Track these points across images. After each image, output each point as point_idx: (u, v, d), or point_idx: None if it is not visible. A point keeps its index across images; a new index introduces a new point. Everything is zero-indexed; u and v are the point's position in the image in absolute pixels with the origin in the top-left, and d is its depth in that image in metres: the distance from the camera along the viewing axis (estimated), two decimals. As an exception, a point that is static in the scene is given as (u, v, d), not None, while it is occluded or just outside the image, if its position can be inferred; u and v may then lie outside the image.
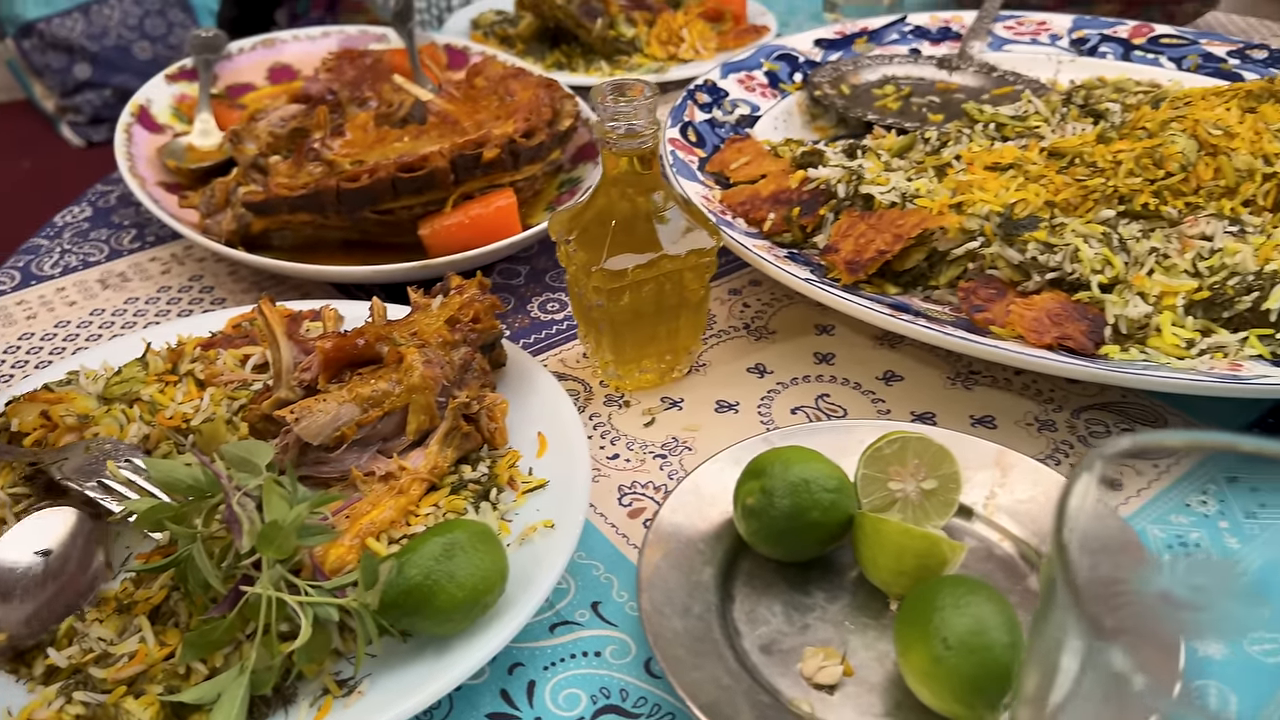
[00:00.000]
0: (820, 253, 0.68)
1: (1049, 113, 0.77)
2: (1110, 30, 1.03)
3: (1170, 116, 0.69)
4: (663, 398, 0.65)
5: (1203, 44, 0.99)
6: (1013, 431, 0.61)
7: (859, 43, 1.03)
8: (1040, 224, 0.63)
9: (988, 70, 0.97)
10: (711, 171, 0.79)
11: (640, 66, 1.07)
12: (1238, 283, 0.59)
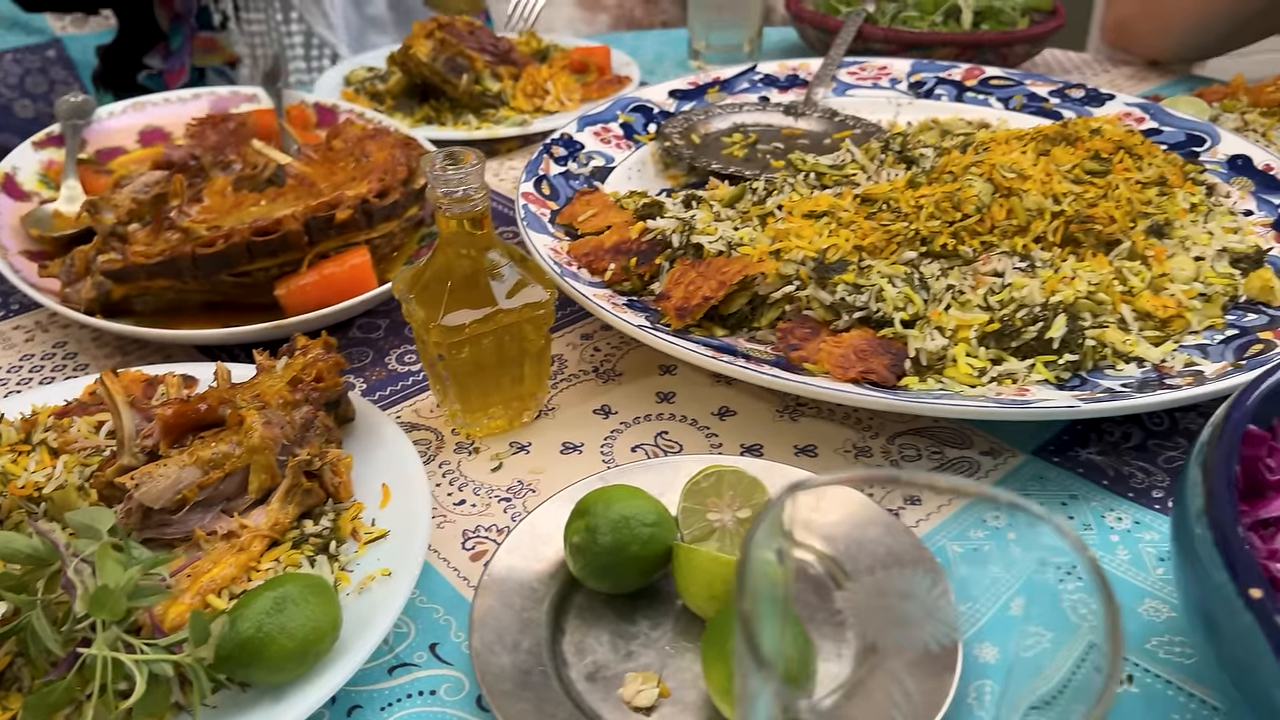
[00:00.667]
0: (655, 299, 0.72)
1: (868, 160, 0.83)
2: (945, 74, 1.10)
3: (971, 161, 0.75)
4: (511, 442, 0.69)
5: (1027, 84, 1.07)
6: (832, 459, 0.66)
7: (712, 92, 1.09)
8: (849, 267, 0.68)
9: (830, 115, 1.04)
10: (562, 224, 0.83)
11: (506, 119, 1.12)
12: (1025, 314, 0.65)
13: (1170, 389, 0.61)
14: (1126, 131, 0.82)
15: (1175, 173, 0.80)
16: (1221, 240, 0.76)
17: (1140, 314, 0.68)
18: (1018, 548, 0.43)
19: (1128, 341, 0.66)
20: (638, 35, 1.50)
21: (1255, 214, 0.83)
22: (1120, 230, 0.72)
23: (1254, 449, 0.51)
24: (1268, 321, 0.70)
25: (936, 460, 0.66)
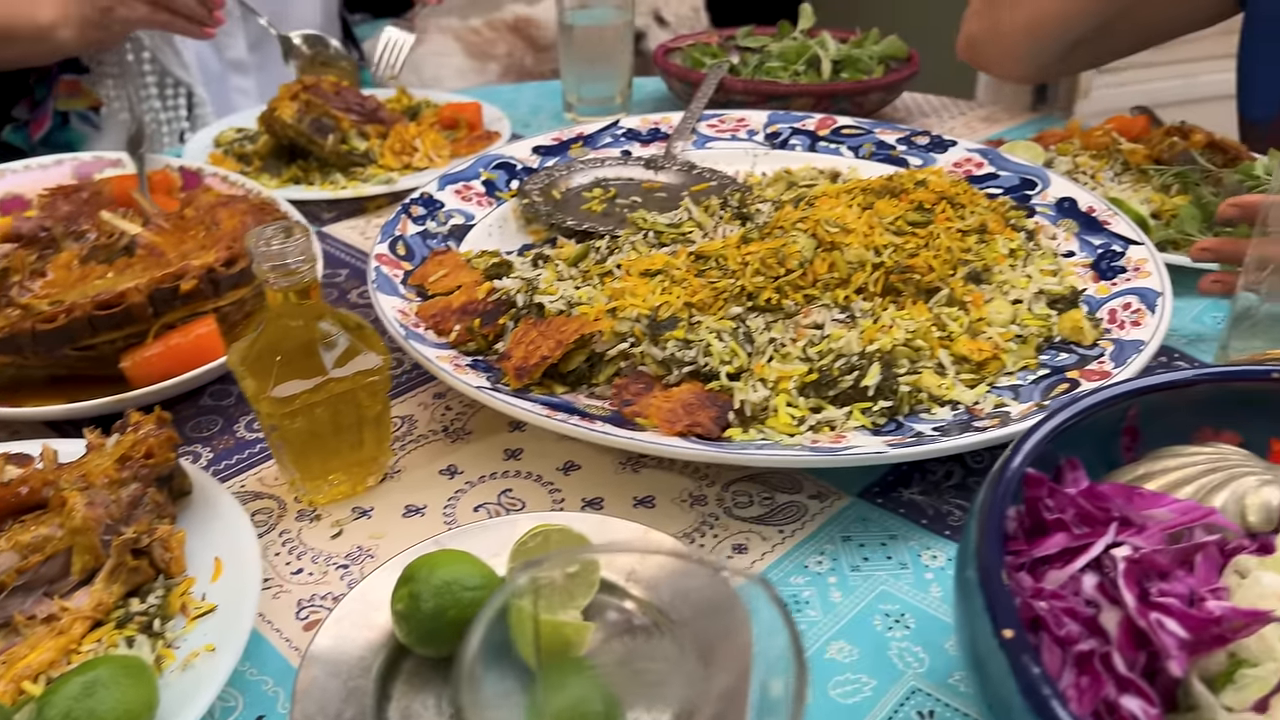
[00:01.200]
0: (498, 359, 0.74)
1: (706, 217, 0.86)
2: (799, 124, 1.15)
3: (798, 217, 0.79)
4: (354, 508, 0.70)
5: (876, 133, 1.12)
6: (668, 509, 0.68)
7: (575, 147, 1.12)
8: (680, 323, 0.71)
9: (689, 168, 1.07)
10: (414, 284, 0.84)
11: (374, 177, 1.13)
12: (843, 364, 0.68)
13: (977, 431, 0.65)
14: (952, 182, 0.87)
15: (996, 220, 0.84)
16: (1039, 283, 0.80)
17: (957, 358, 0.72)
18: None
19: (943, 385, 0.70)
20: (516, 88, 1.53)
21: (1077, 254, 0.88)
22: (939, 278, 0.76)
23: (1035, 490, 0.54)
24: (1077, 360, 0.74)
25: (767, 505, 0.68)
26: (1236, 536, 0.52)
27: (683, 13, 2.04)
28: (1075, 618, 0.48)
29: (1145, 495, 0.55)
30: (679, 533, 0.66)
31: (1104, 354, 0.73)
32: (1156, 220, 0.95)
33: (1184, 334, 0.87)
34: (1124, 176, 1.02)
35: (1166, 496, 0.54)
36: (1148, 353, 0.71)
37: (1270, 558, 0.50)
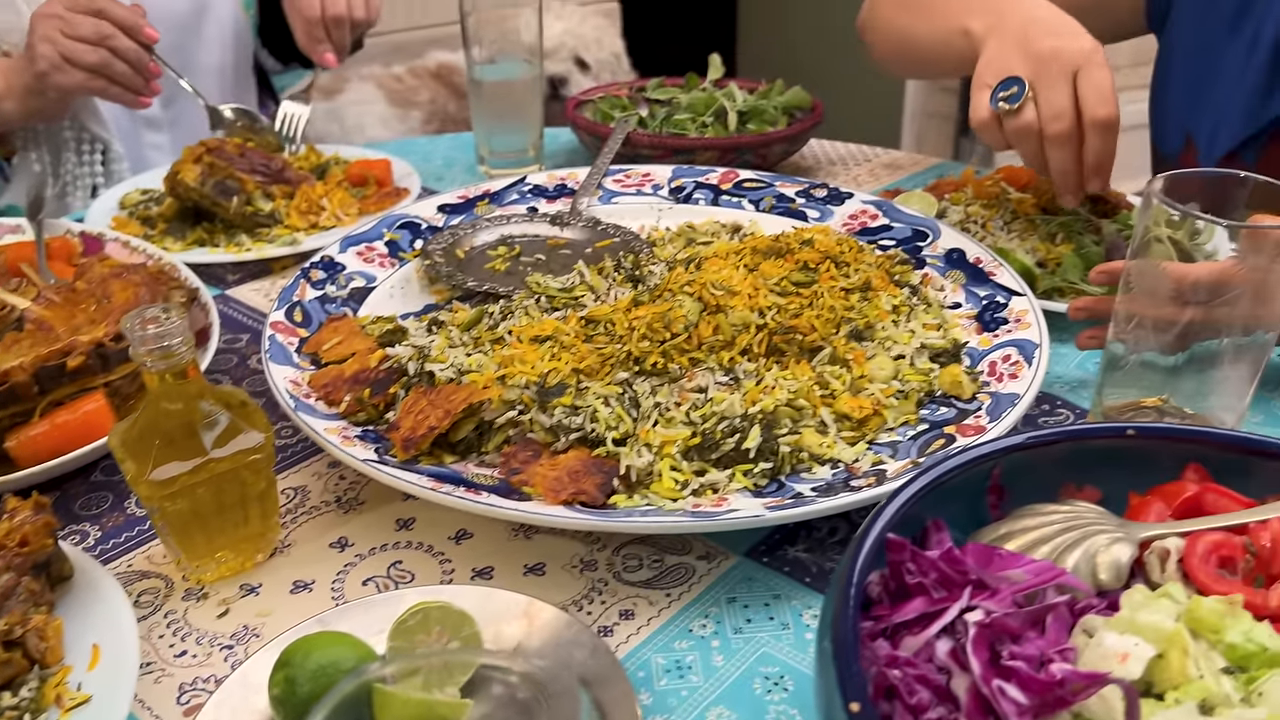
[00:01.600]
0: (387, 429, 0.74)
1: (599, 280, 0.87)
2: (703, 178, 1.17)
3: (687, 279, 0.80)
4: (242, 584, 0.69)
5: (777, 186, 1.14)
6: (559, 576, 0.69)
7: (481, 205, 1.13)
8: (568, 389, 0.72)
9: (593, 224, 1.08)
10: (309, 352, 0.85)
11: (279, 238, 1.13)
12: (725, 427, 0.70)
13: (852, 491, 0.66)
14: (838, 240, 0.89)
15: (880, 277, 0.87)
16: (921, 337, 0.83)
17: (839, 415, 0.74)
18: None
19: (824, 444, 0.71)
20: (432, 140, 1.54)
21: (963, 306, 0.91)
22: (822, 337, 0.78)
23: (897, 554, 0.56)
24: (956, 414, 0.76)
25: (656, 568, 0.69)
26: (1086, 596, 0.54)
27: (603, 58, 2.07)
28: (927, 685, 0.49)
29: (1003, 556, 0.57)
30: (567, 600, 0.67)
31: (981, 408, 0.76)
32: (1042, 268, 0.99)
33: (1068, 380, 0.90)
34: (1013, 225, 1.05)
35: (1023, 557, 0.56)
36: (1021, 407, 0.74)
37: (1115, 617, 0.52)
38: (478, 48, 1.30)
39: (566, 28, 2.02)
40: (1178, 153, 1.16)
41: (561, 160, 1.43)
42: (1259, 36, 1.10)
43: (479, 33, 1.29)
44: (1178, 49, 1.18)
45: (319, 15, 1.33)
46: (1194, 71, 1.16)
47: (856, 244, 0.91)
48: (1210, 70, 1.14)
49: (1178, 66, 1.18)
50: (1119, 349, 0.77)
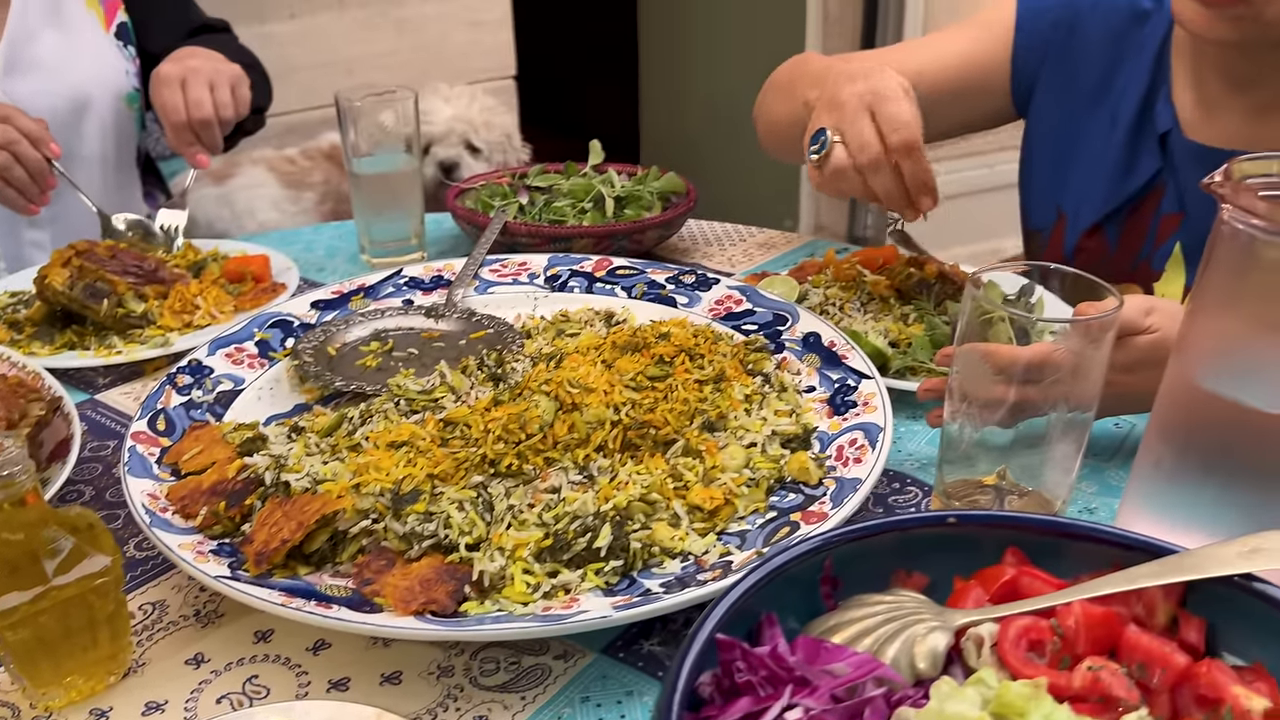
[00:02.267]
0: (242, 542, 0.75)
1: (461, 380, 0.89)
2: (578, 265, 1.20)
3: (545, 378, 0.82)
4: (92, 709, 0.69)
5: (648, 273, 1.18)
6: (415, 684, 0.70)
7: (356, 299, 1.14)
8: (422, 496, 0.73)
9: (469, 315, 1.10)
10: (170, 463, 0.84)
11: (152, 339, 1.12)
12: (578, 526, 0.72)
13: (698, 585, 0.68)
14: (694, 332, 0.93)
15: (734, 366, 0.90)
16: (773, 424, 0.86)
17: (691, 507, 0.76)
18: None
19: (676, 537, 0.74)
20: (316, 229, 1.55)
21: (817, 389, 0.95)
22: (675, 430, 0.81)
23: (727, 653, 0.58)
24: (802, 501, 0.79)
25: (513, 670, 0.70)
26: (903, 688, 0.57)
27: (494, 139, 2.10)
28: (748, 784, 0.51)
29: (829, 649, 0.59)
30: (421, 709, 0.68)
31: (826, 494, 0.79)
32: (895, 348, 1.03)
33: (919, 458, 0.94)
34: (869, 306, 1.10)
35: (847, 650, 0.59)
36: (862, 493, 0.77)
37: (924, 709, 0.54)
38: (354, 141, 1.32)
39: (455, 112, 2.05)
40: (1049, 226, 1.23)
41: (446, 247, 1.45)
42: (1117, 115, 1.17)
43: (355, 126, 1.31)
44: (1042, 128, 1.25)
45: (185, 120, 1.34)
46: (1058, 149, 1.24)
47: (713, 334, 0.95)
48: (1073, 147, 1.21)
49: (1043, 145, 1.26)
50: (954, 428, 0.82)
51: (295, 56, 2.38)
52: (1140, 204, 1.16)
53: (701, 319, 1.08)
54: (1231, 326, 0.70)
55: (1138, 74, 1.15)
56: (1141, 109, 1.15)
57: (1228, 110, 1.10)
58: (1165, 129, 1.13)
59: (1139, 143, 1.15)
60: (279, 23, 2.35)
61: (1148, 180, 1.15)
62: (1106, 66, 1.17)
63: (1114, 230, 1.19)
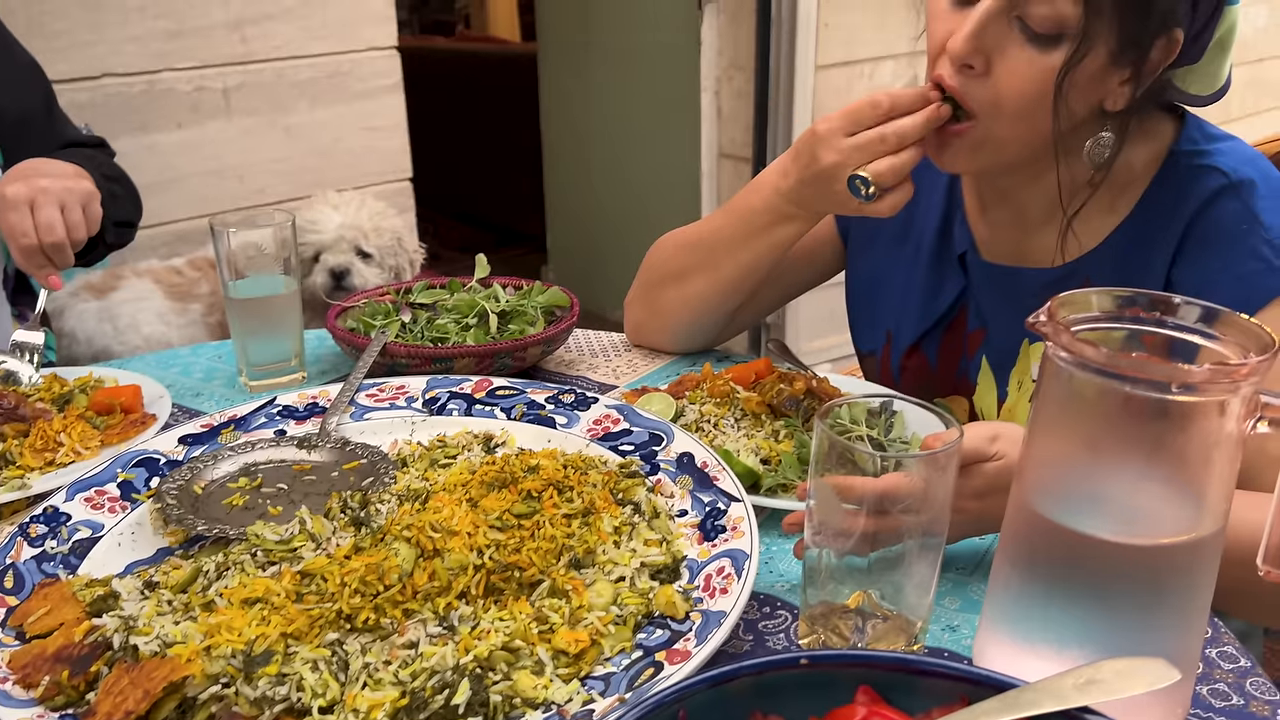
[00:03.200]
0: (85, 714, 0.71)
1: (322, 526, 0.87)
2: (457, 387, 1.20)
3: (407, 522, 0.82)
4: None
5: (528, 393, 1.18)
6: None
7: (226, 432, 1.12)
8: (274, 657, 0.71)
9: (342, 445, 1.09)
10: (14, 625, 0.81)
11: (10, 480, 1.08)
12: (436, 682, 0.71)
13: (558, 738, 0.68)
14: (564, 462, 0.93)
15: (604, 497, 0.91)
16: (643, 555, 0.86)
17: (557, 651, 0.76)
18: None
19: (539, 685, 0.73)
20: (194, 349, 1.52)
21: (689, 513, 0.96)
22: (541, 570, 0.81)
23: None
24: (668, 638, 0.79)
25: (372, 837, 0.68)
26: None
27: (384, 243, 2.11)
28: None
29: (683, 804, 0.59)
30: None
31: (692, 629, 0.79)
32: (767, 465, 1.05)
33: (790, 579, 0.95)
34: (742, 423, 1.12)
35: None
36: (725, 629, 0.78)
37: None
38: (229, 265, 1.31)
39: (344, 219, 2.05)
40: (879, 348, 1.29)
41: (328, 366, 1.44)
42: (921, 241, 1.25)
43: (230, 250, 1.30)
44: (860, 260, 1.34)
45: (36, 244, 1.32)
46: (876, 277, 1.32)
47: (584, 463, 0.95)
48: (888, 274, 1.29)
49: (863, 274, 1.34)
50: (815, 555, 0.83)
51: (183, 165, 2.37)
52: (951, 322, 1.24)
53: (579, 440, 1.09)
54: (1062, 456, 0.74)
55: (935, 202, 1.25)
56: (941, 234, 1.24)
57: (1009, 228, 1.19)
58: (962, 250, 1.22)
59: (942, 266, 1.24)
60: (165, 133, 2.34)
61: (954, 300, 1.23)
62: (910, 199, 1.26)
63: (932, 349, 1.26)
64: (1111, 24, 0.94)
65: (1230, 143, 1.06)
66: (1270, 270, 0.99)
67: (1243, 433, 0.70)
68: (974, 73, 0.99)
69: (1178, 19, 0.96)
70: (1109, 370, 0.68)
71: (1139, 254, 1.06)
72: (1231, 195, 1.02)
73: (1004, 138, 1.03)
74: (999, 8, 0.96)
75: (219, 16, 2.36)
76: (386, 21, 2.58)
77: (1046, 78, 0.97)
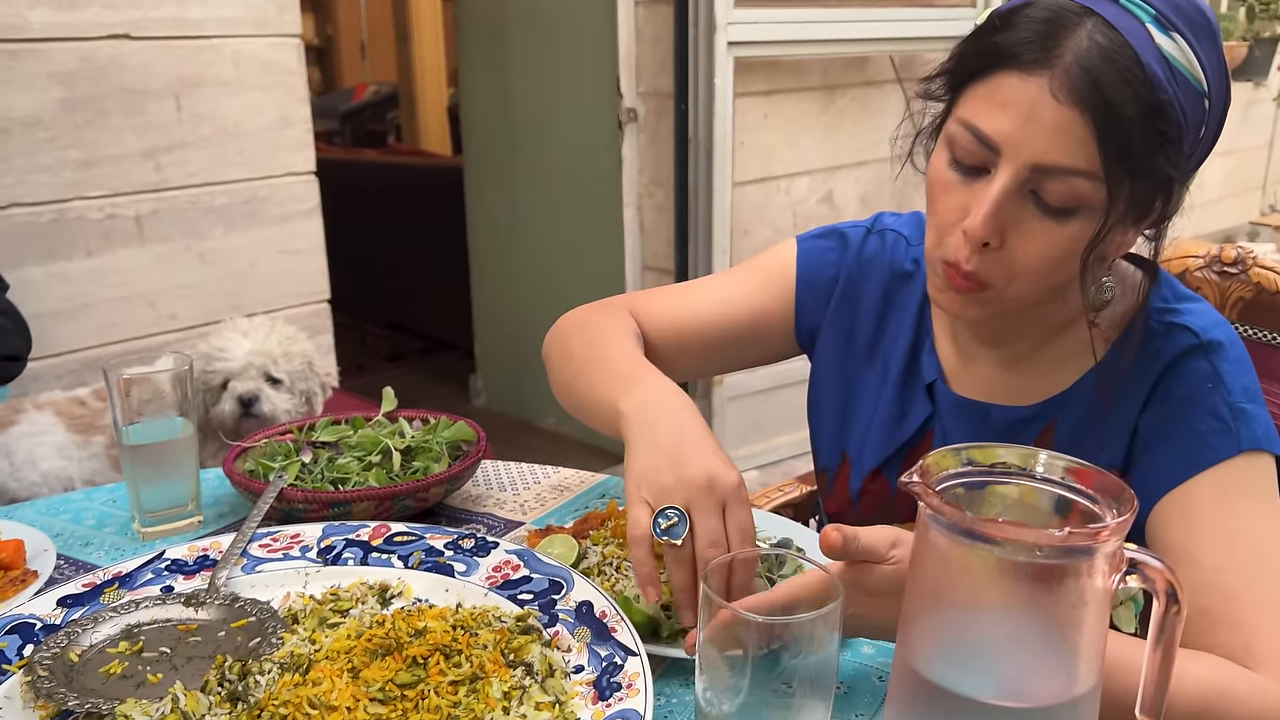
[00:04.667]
0: None
1: (197, 702, 0.84)
2: (354, 534, 1.18)
3: (285, 698, 0.79)
4: None
5: (427, 538, 1.16)
6: None
7: (110, 591, 1.08)
8: None
9: (231, 602, 1.05)
10: None
11: (-128, 652, 1.02)
12: None
13: None
14: (454, 623, 0.91)
15: (494, 659, 0.89)
16: (533, 719, 0.84)
17: (437, 836, 0.73)
18: None
19: None
20: (87, 493, 1.47)
21: (586, 668, 0.94)
22: (424, 745, 0.78)
23: None
24: (555, 812, 0.77)
25: None
26: None
27: (294, 368, 2.08)
28: None
29: None
30: None
31: (580, 803, 0.77)
32: (667, 611, 1.04)
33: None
34: (645, 565, 1.11)
35: None
36: (612, 802, 0.76)
37: None
38: (121, 408, 1.28)
39: (253, 345, 2.03)
40: (835, 467, 1.28)
41: (226, 509, 1.40)
42: (888, 366, 1.25)
43: (122, 393, 1.27)
44: (825, 375, 1.33)
45: None
46: (839, 395, 1.31)
47: (475, 620, 0.93)
48: (853, 395, 1.29)
49: (827, 390, 1.33)
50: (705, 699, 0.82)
51: (91, 292, 2.33)
52: (915, 450, 1.23)
53: (478, 589, 1.07)
54: (940, 615, 0.74)
55: (904, 328, 1.25)
56: (909, 361, 1.24)
57: (983, 363, 1.20)
58: (931, 379, 1.22)
59: (909, 392, 1.23)
60: (74, 260, 2.31)
61: (919, 427, 1.22)
62: (877, 321, 1.27)
63: (893, 475, 1.25)
64: (1129, 198, 0.95)
65: (1199, 304, 1.11)
66: (1224, 431, 1.03)
67: (1110, 588, 0.71)
68: (990, 249, 1.00)
69: (1185, 172, 0.99)
70: (976, 533, 0.69)
71: (1107, 401, 1.10)
72: (1201, 355, 1.06)
73: (1024, 299, 1.04)
74: (1015, 185, 0.96)
75: (133, 145, 2.36)
76: (305, 148, 2.60)
77: (1063, 245, 0.98)
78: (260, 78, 2.51)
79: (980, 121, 0.97)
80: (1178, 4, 0.95)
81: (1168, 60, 0.93)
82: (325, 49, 11.75)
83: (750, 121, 3.53)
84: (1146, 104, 0.92)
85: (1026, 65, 0.93)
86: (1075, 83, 0.92)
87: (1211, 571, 0.99)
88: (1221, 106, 1.00)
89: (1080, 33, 0.92)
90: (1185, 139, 0.96)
